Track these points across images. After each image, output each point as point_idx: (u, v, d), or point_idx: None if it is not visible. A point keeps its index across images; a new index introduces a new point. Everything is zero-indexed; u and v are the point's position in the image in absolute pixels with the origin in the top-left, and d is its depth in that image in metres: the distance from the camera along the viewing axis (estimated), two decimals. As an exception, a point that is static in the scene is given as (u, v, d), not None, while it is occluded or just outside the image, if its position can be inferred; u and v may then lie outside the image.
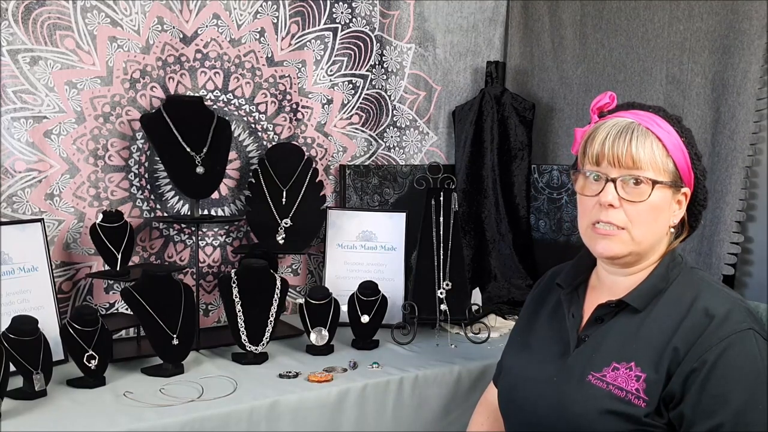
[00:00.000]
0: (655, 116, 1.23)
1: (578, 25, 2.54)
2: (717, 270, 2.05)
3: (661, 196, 1.21)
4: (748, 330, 1.14)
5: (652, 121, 1.22)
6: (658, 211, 1.21)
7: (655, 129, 1.21)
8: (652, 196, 1.19)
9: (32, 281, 1.79)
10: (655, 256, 1.26)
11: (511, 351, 1.45)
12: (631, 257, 1.24)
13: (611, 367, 1.19)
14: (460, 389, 1.86)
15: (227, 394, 1.65)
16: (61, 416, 1.51)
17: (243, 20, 2.24)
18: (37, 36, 1.91)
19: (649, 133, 1.20)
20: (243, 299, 1.90)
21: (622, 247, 1.22)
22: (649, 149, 1.19)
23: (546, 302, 1.41)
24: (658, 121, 1.22)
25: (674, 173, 1.21)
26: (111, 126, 2.05)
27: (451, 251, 2.16)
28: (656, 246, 1.25)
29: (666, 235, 1.25)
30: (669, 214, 1.24)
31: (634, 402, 1.15)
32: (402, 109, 2.61)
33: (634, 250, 1.23)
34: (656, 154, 1.20)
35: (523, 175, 2.63)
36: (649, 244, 1.23)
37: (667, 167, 1.21)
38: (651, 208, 1.20)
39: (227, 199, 2.28)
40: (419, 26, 2.61)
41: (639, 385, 1.16)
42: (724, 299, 1.19)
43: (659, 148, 1.20)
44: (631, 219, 1.21)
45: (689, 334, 1.15)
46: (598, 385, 1.19)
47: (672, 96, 2.20)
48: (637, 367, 1.17)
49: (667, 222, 1.24)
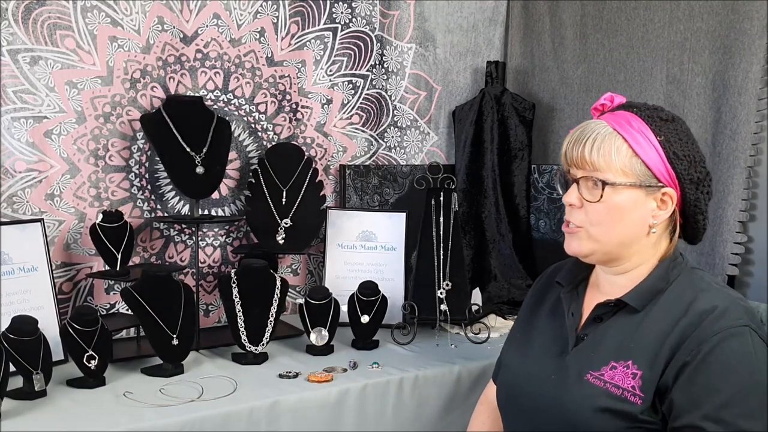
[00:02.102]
0: (633, 116, 1.23)
1: (578, 25, 2.54)
2: (721, 270, 2.04)
3: (626, 198, 1.21)
4: (744, 327, 1.14)
5: (625, 121, 1.22)
6: (621, 211, 1.21)
7: (624, 130, 1.21)
8: (610, 197, 1.20)
9: (32, 281, 1.79)
10: (641, 256, 1.25)
11: (510, 347, 1.46)
12: (600, 256, 1.26)
13: (609, 366, 1.20)
14: (460, 389, 1.86)
15: (227, 394, 1.65)
16: (61, 416, 1.51)
17: (243, 20, 2.24)
18: (37, 36, 1.91)
19: (615, 135, 1.21)
20: (243, 299, 1.90)
21: (582, 245, 1.25)
22: (606, 152, 1.20)
23: (546, 299, 1.41)
24: (633, 122, 1.22)
25: (644, 174, 1.20)
26: (111, 126, 2.05)
27: (451, 251, 2.16)
28: (632, 246, 1.24)
29: (645, 235, 1.24)
30: (643, 214, 1.22)
31: (630, 399, 1.16)
32: (403, 109, 2.61)
33: (597, 249, 1.25)
34: (616, 157, 1.20)
35: (523, 175, 2.63)
36: (615, 244, 1.24)
37: (632, 168, 1.20)
38: (610, 208, 1.21)
39: (227, 199, 2.28)
40: (419, 26, 2.61)
41: (635, 382, 1.16)
42: (723, 298, 1.19)
43: (624, 149, 1.20)
44: (589, 218, 1.24)
45: (685, 330, 1.15)
46: (595, 383, 1.20)
47: (672, 96, 2.20)
48: (634, 365, 1.17)
49: (641, 222, 1.23)
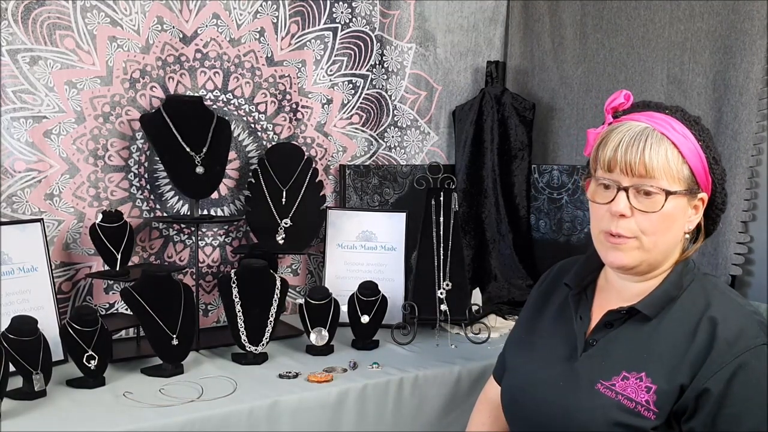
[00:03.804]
0: (671, 119, 1.18)
1: (578, 25, 2.54)
2: (724, 270, 2.04)
3: (675, 205, 1.16)
4: (762, 346, 1.11)
5: (668, 124, 1.16)
6: (671, 220, 1.17)
7: (671, 134, 1.15)
8: (666, 206, 1.15)
9: (32, 281, 1.78)
10: (668, 263, 1.22)
11: (514, 348, 1.43)
12: (643, 266, 1.21)
13: (621, 376, 1.17)
14: (460, 389, 1.86)
15: (227, 395, 1.64)
16: (61, 416, 1.51)
17: (243, 20, 2.24)
18: (36, 36, 1.91)
19: (664, 138, 1.15)
20: (243, 299, 1.90)
21: (633, 258, 1.19)
22: (662, 157, 1.14)
23: (552, 300, 1.38)
24: (674, 125, 1.17)
25: (690, 179, 1.17)
26: (111, 126, 2.05)
27: (451, 251, 2.16)
28: (669, 254, 1.21)
29: (680, 242, 1.22)
30: (684, 221, 1.20)
31: (643, 414, 1.13)
32: (403, 109, 2.60)
33: (645, 260, 1.19)
34: (670, 162, 1.14)
35: (523, 175, 2.63)
36: (661, 253, 1.20)
37: (682, 174, 1.16)
38: (664, 218, 1.16)
39: (227, 199, 2.27)
40: (420, 26, 2.60)
41: (649, 396, 1.13)
42: (736, 311, 1.16)
43: (674, 154, 1.15)
44: (642, 229, 1.17)
45: (702, 349, 1.12)
46: (606, 394, 1.17)
47: (673, 96, 2.20)
48: (647, 378, 1.14)
49: (681, 229, 1.20)
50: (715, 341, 1.12)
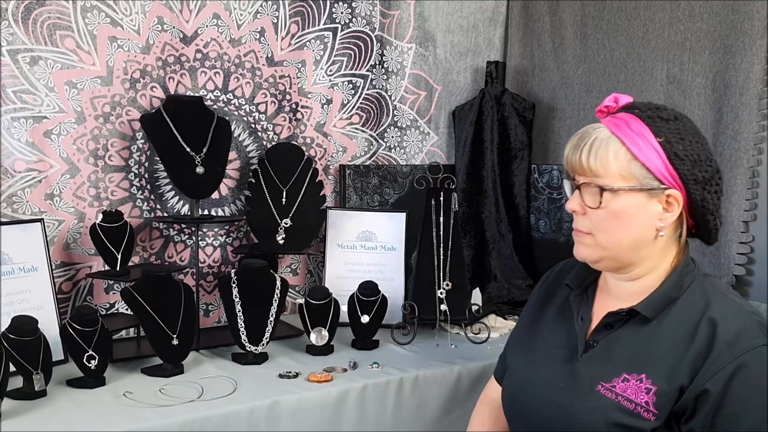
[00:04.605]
0: (632, 118, 1.18)
1: (579, 25, 2.54)
2: (726, 270, 2.04)
3: (627, 203, 1.17)
4: (761, 347, 1.11)
5: (624, 124, 1.18)
6: (624, 217, 1.18)
7: (623, 133, 1.17)
8: (610, 203, 1.17)
9: (32, 281, 1.79)
10: (651, 261, 1.22)
11: (515, 348, 1.43)
12: (610, 262, 1.23)
13: (621, 377, 1.17)
14: (460, 389, 1.86)
15: (227, 394, 1.65)
16: (61, 416, 1.51)
17: (243, 20, 2.24)
18: (37, 36, 1.91)
19: (613, 138, 1.17)
20: (243, 299, 1.90)
21: (590, 252, 1.23)
22: (604, 157, 1.17)
23: (553, 300, 1.39)
24: (632, 124, 1.17)
25: (644, 177, 1.16)
26: (111, 126, 2.05)
27: (451, 251, 2.16)
28: (640, 250, 1.21)
29: (653, 239, 1.20)
30: (648, 219, 1.18)
31: (643, 415, 1.13)
32: (402, 109, 2.60)
33: (605, 256, 1.22)
34: (614, 161, 1.16)
35: (523, 175, 2.63)
36: (623, 250, 1.20)
37: (632, 172, 1.16)
38: (614, 215, 1.18)
39: (227, 199, 2.28)
40: (419, 26, 2.61)
41: (649, 398, 1.14)
42: (736, 312, 1.16)
43: (622, 153, 1.16)
44: (594, 225, 1.21)
45: (702, 350, 1.12)
46: (606, 395, 1.17)
47: (673, 96, 2.20)
48: (648, 379, 1.15)
49: (647, 226, 1.19)
50: (714, 342, 1.12)
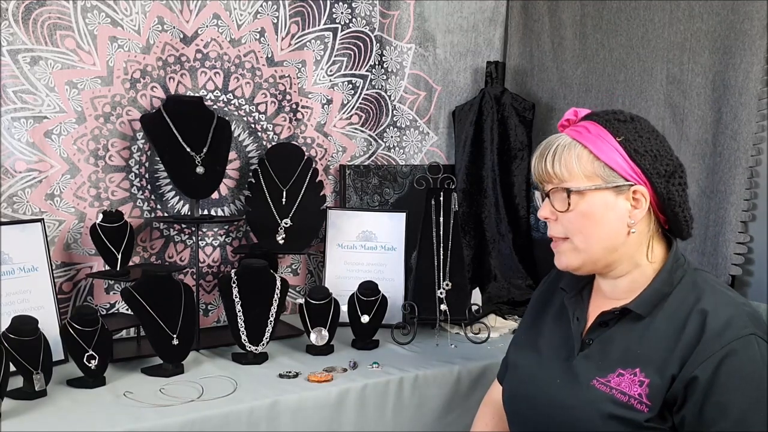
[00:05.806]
0: (590, 123, 1.23)
1: (578, 25, 2.54)
2: (724, 270, 2.04)
3: (594, 201, 1.20)
4: (750, 336, 1.13)
5: (584, 129, 1.23)
6: (595, 217, 1.21)
7: (583, 137, 1.22)
8: (578, 204, 1.21)
9: (32, 281, 1.79)
10: (631, 259, 1.24)
11: (517, 349, 1.45)
12: (591, 266, 1.25)
13: (616, 373, 1.19)
14: (460, 389, 1.86)
15: (227, 394, 1.65)
16: (61, 416, 1.51)
17: (243, 20, 2.24)
18: (37, 36, 1.91)
19: (575, 143, 1.22)
20: (243, 299, 1.90)
21: (572, 259, 1.25)
22: (568, 161, 1.21)
23: (551, 303, 1.41)
24: (591, 128, 1.22)
25: (608, 175, 1.20)
26: (111, 126, 2.05)
27: (451, 251, 2.16)
28: (616, 249, 1.23)
29: (626, 236, 1.22)
30: (617, 215, 1.21)
31: (636, 407, 1.15)
32: (402, 109, 2.60)
33: (585, 259, 1.24)
34: (577, 164, 1.20)
35: (523, 175, 2.63)
36: (602, 250, 1.22)
37: (595, 172, 1.20)
38: (584, 216, 1.21)
39: (227, 199, 2.28)
40: (419, 26, 2.61)
41: (642, 390, 1.16)
42: (726, 303, 1.18)
43: (584, 155, 1.21)
44: (567, 229, 1.24)
45: (692, 339, 1.14)
46: (601, 389, 1.20)
47: (672, 96, 2.20)
48: (641, 372, 1.17)
49: (618, 224, 1.21)
50: (704, 332, 1.14)
